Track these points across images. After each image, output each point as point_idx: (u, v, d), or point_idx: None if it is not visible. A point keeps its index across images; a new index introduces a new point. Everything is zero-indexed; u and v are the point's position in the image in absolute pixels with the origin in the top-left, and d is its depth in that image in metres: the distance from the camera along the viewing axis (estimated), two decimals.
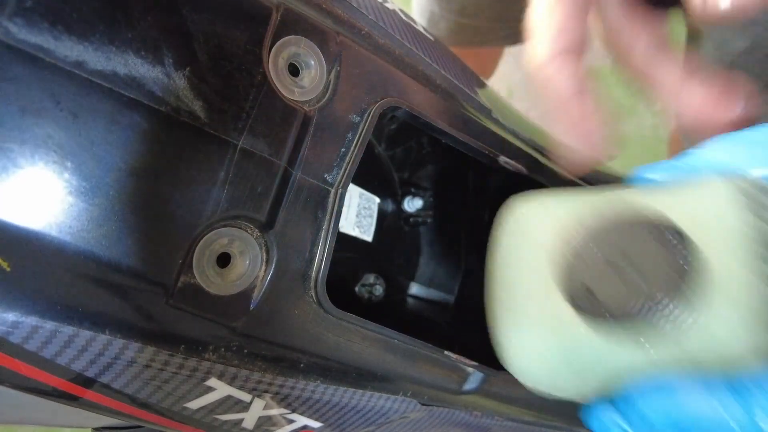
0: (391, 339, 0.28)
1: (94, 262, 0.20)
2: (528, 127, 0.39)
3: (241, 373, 0.25)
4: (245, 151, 0.23)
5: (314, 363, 0.26)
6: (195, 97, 0.22)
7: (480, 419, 0.35)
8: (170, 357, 0.23)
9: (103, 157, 0.20)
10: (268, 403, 0.26)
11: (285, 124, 0.24)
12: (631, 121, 1.37)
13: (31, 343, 0.20)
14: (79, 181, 0.20)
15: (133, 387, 0.23)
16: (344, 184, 0.26)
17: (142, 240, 0.21)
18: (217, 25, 0.22)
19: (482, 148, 0.32)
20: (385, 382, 0.29)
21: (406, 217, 0.47)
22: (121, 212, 0.20)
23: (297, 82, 0.25)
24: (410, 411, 0.31)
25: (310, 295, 0.26)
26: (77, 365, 0.21)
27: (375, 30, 0.29)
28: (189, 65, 0.22)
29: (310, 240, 0.25)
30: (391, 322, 0.30)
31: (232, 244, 0.23)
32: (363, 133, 0.27)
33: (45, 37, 0.19)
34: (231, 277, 0.23)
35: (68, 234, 0.20)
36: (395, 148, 0.48)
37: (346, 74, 0.27)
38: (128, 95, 0.20)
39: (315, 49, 0.25)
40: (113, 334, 0.21)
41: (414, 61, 0.30)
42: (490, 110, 0.35)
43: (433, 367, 0.31)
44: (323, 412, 0.28)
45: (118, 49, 0.20)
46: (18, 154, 0.19)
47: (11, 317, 0.20)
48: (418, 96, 0.30)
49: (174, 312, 0.22)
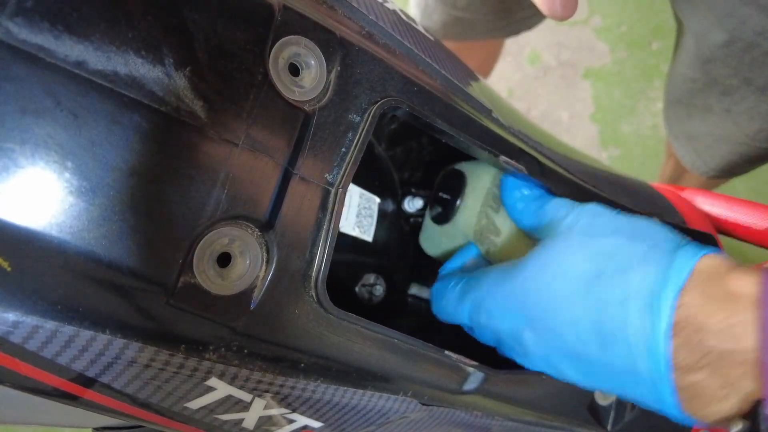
0: (391, 339, 0.28)
1: (94, 262, 0.20)
2: (528, 126, 0.39)
3: (242, 372, 0.25)
4: (246, 150, 0.23)
5: (314, 363, 0.26)
6: (195, 97, 0.22)
7: (480, 419, 0.35)
8: (171, 357, 0.23)
9: (103, 157, 0.20)
10: (268, 402, 0.26)
11: (285, 124, 0.24)
12: (631, 121, 1.38)
13: (32, 343, 0.20)
14: (80, 181, 0.20)
15: (133, 387, 0.23)
16: (344, 184, 0.26)
17: (143, 240, 0.21)
18: (217, 25, 0.22)
19: (482, 148, 0.32)
20: (386, 381, 0.29)
21: (406, 217, 0.47)
22: (122, 212, 0.20)
23: (297, 82, 0.25)
24: (410, 411, 0.31)
25: (310, 295, 0.25)
26: (78, 365, 0.21)
27: (375, 30, 0.29)
28: (189, 65, 0.22)
29: (310, 240, 0.25)
30: (391, 322, 0.30)
31: (233, 244, 0.23)
32: (363, 132, 0.27)
33: (45, 36, 0.19)
34: (231, 277, 0.23)
35: (69, 234, 0.20)
36: (395, 148, 0.48)
37: (347, 74, 0.27)
38: (129, 95, 0.20)
39: (315, 49, 0.25)
40: (114, 334, 0.21)
41: (414, 61, 0.30)
42: (491, 110, 0.35)
43: (434, 367, 0.31)
44: (323, 412, 0.28)
45: (118, 49, 0.20)
46: (19, 153, 0.19)
47: (12, 317, 0.20)
48: (418, 96, 0.30)
49: (174, 312, 0.22)
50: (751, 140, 0.63)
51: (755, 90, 0.58)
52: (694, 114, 0.69)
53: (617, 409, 0.42)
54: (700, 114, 0.67)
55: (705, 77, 0.62)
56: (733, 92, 0.60)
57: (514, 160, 0.34)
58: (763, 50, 0.53)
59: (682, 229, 0.45)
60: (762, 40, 0.52)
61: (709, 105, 0.64)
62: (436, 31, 0.75)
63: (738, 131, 0.63)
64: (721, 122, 0.65)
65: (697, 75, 0.63)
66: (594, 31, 1.45)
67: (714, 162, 0.72)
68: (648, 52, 1.41)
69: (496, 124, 0.34)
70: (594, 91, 1.41)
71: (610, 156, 1.36)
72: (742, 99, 0.60)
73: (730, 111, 0.62)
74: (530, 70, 1.43)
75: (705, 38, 0.58)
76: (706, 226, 0.50)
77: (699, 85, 0.64)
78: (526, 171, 0.35)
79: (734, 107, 0.61)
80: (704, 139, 0.70)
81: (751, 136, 0.63)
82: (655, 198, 0.47)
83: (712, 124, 0.67)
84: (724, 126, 0.65)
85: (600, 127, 1.38)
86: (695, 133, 0.72)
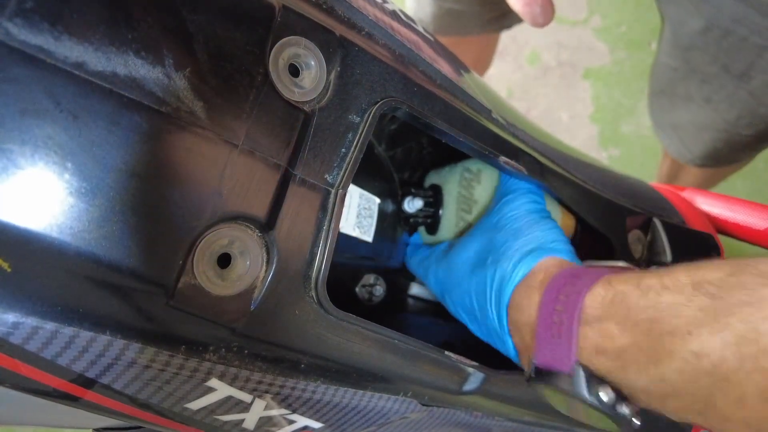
0: (391, 339, 0.28)
1: (94, 262, 0.20)
2: (527, 126, 0.39)
3: (242, 373, 0.24)
4: (246, 151, 0.23)
5: (315, 363, 0.26)
6: (195, 98, 0.22)
7: (480, 419, 0.35)
8: (171, 358, 0.23)
9: (103, 157, 0.20)
10: (268, 403, 0.26)
11: (285, 125, 0.24)
12: (631, 121, 1.38)
13: (32, 344, 0.20)
14: (80, 182, 0.20)
15: (133, 388, 0.23)
16: (344, 185, 0.26)
17: (143, 241, 0.21)
18: (217, 25, 0.22)
19: (482, 148, 0.32)
20: (386, 382, 0.29)
21: (406, 217, 0.47)
22: (122, 213, 0.20)
23: (297, 83, 0.25)
24: (411, 411, 0.31)
25: (310, 296, 0.25)
26: (78, 366, 0.21)
27: (375, 30, 0.29)
28: (189, 66, 0.21)
29: (310, 240, 0.25)
30: (391, 322, 0.30)
31: (233, 244, 0.23)
32: (363, 133, 0.27)
33: (45, 38, 0.19)
34: (231, 278, 0.23)
35: (69, 235, 0.20)
36: (395, 148, 0.48)
37: (347, 75, 0.27)
38: (129, 96, 0.20)
39: (315, 50, 0.25)
40: (114, 335, 0.21)
41: (414, 62, 0.30)
42: (490, 110, 0.35)
43: (434, 367, 0.31)
44: (324, 412, 0.28)
45: (118, 50, 0.20)
46: (18, 154, 0.19)
47: (12, 318, 0.20)
48: (418, 96, 0.30)
49: (174, 313, 0.22)
50: (732, 127, 0.65)
51: (733, 78, 0.59)
52: (677, 103, 0.71)
53: None
54: (682, 103, 0.69)
55: (685, 66, 0.64)
56: (713, 80, 0.62)
57: (513, 161, 0.34)
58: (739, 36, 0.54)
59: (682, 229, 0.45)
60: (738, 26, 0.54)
61: (690, 94, 0.66)
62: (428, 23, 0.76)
63: (719, 118, 0.65)
64: (703, 111, 0.66)
65: (678, 63, 0.65)
66: (593, 31, 1.45)
67: (698, 150, 0.74)
68: (647, 52, 1.41)
69: (495, 124, 0.34)
70: (594, 91, 1.41)
71: (610, 156, 1.36)
72: (721, 87, 0.62)
73: (710, 100, 0.64)
74: (530, 70, 1.43)
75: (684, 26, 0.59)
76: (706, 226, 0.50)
77: (680, 75, 0.66)
78: (525, 171, 0.35)
79: (714, 96, 0.63)
80: (687, 127, 0.72)
81: (731, 122, 0.64)
82: (655, 198, 0.47)
83: (693, 112, 0.68)
84: (706, 114, 0.66)
85: (600, 127, 1.38)
86: (679, 123, 0.74)
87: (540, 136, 0.39)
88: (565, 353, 0.29)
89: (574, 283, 0.30)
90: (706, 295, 0.24)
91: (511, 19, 0.77)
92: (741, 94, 0.60)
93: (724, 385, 0.23)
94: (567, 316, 0.29)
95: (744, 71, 0.57)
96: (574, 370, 0.28)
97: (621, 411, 0.28)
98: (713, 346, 0.23)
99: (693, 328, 0.24)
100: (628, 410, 0.27)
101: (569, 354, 0.28)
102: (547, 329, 0.30)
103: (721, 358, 0.23)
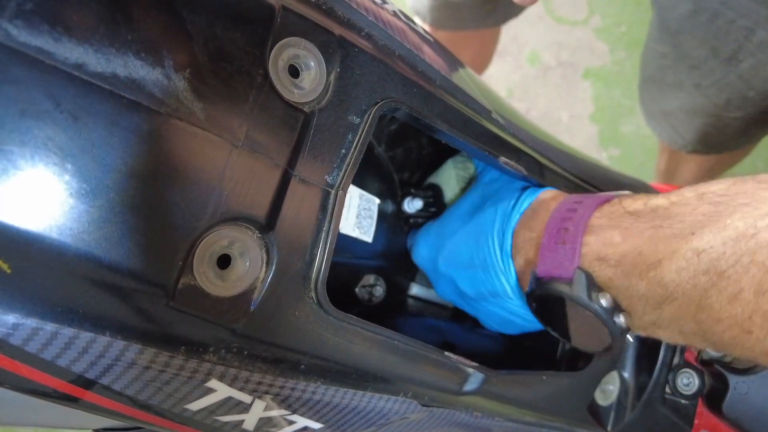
0: (391, 340, 0.28)
1: (94, 263, 0.20)
2: (527, 126, 0.39)
3: (242, 374, 0.25)
4: (245, 152, 0.23)
5: (315, 364, 0.26)
6: (195, 99, 0.22)
7: (480, 420, 0.35)
8: (171, 358, 0.23)
9: (103, 158, 0.20)
10: (268, 404, 0.26)
11: (285, 126, 0.24)
12: (631, 121, 1.38)
13: (32, 345, 0.20)
14: (80, 183, 0.20)
15: (133, 388, 0.23)
16: (344, 186, 0.26)
17: (143, 242, 0.21)
18: (217, 26, 0.22)
19: (482, 148, 0.32)
20: (386, 383, 0.29)
21: (406, 217, 0.47)
22: (122, 214, 0.20)
23: (297, 84, 0.25)
24: (411, 412, 0.31)
25: (310, 297, 0.25)
26: (78, 367, 0.21)
27: (375, 31, 0.29)
28: (189, 67, 0.21)
29: (310, 241, 0.25)
30: (391, 323, 0.30)
31: (233, 245, 0.23)
32: (363, 134, 0.27)
33: (45, 39, 0.19)
34: (231, 279, 0.23)
35: (69, 236, 0.20)
36: (395, 148, 0.48)
37: (346, 76, 0.27)
38: (128, 97, 0.20)
39: (315, 51, 0.25)
40: (114, 336, 0.21)
41: (413, 62, 0.30)
42: (490, 111, 0.35)
43: (434, 368, 0.31)
44: (324, 413, 0.28)
45: (118, 51, 0.20)
46: (18, 156, 0.19)
47: (12, 319, 0.20)
48: (418, 97, 0.30)
49: (174, 313, 0.22)
50: (723, 111, 0.66)
51: (721, 62, 0.60)
52: (667, 91, 0.71)
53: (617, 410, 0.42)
54: (672, 90, 0.70)
55: (674, 51, 0.64)
56: (701, 65, 0.62)
57: (513, 161, 0.34)
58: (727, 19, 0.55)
59: None
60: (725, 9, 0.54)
61: (680, 81, 0.67)
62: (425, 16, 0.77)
63: (709, 103, 0.66)
64: (692, 97, 0.67)
65: (667, 49, 0.65)
66: (594, 32, 1.45)
67: (690, 135, 0.74)
68: None
69: (495, 124, 0.34)
70: (594, 91, 1.41)
71: (610, 156, 1.36)
72: (710, 72, 0.62)
73: (699, 85, 0.65)
74: (530, 71, 1.43)
75: (672, 10, 0.60)
76: None
77: (669, 61, 0.66)
78: (525, 171, 0.35)
79: (703, 81, 0.64)
80: (678, 114, 0.73)
81: (721, 106, 0.65)
82: None
83: (683, 99, 0.69)
84: (696, 100, 0.67)
85: (600, 127, 1.38)
86: (669, 110, 0.74)
87: (540, 135, 0.39)
88: (568, 259, 0.29)
89: (584, 201, 0.31)
90: (710, 203, 0.26)
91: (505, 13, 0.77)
92: (730, 78, 0.61)
93: (720, 281, 0.24)
94: (574, 224, 0.30)
95: (732, 54, 0.58)
96: (575, 275, 0.29)
97: (618, 321, 0.28)
98: (714, 244, 0.24)
99: (696, 229, 0.25)
100: (624, 321, 0.28)
101: (572, 259, 0.29)
102: (552, 238, 0.30)
103: (721, 254, 0.24)
